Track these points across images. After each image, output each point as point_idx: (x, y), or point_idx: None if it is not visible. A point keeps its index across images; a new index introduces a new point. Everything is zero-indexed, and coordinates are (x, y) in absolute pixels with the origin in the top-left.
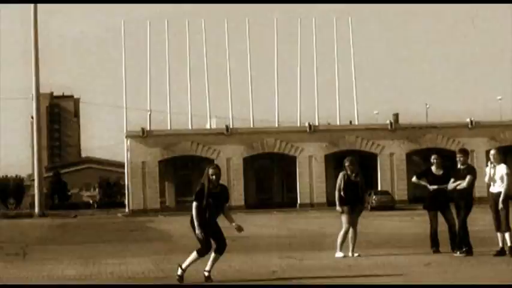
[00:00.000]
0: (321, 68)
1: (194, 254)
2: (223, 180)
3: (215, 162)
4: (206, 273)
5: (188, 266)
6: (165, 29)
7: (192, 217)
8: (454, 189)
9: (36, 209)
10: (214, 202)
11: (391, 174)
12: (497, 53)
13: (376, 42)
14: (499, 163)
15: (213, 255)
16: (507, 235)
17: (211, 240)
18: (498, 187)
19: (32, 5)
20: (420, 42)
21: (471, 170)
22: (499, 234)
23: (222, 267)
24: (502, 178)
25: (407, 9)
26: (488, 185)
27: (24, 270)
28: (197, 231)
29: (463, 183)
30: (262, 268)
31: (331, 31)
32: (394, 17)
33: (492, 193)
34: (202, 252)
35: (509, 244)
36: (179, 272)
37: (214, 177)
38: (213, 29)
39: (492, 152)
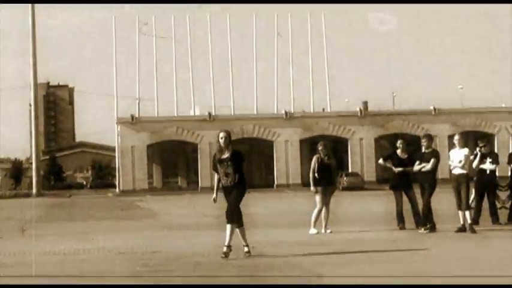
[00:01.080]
0: (296, 60)
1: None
2: (205, 164)
3: (198, 146)
4: (245, 249)
5: (229, 240)
6: (152, 23)
7: None
8: (419, 171)
9: (34, 190)
10: (224, 167)
11: (361, 157)
12: (459, 43)
13: (347, 34)
14: (462, 147)
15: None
16: (467, 213)
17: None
18: (460, 169)
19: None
20: (388, 33)
21: (435, 154)
22: (460, 213)
23: (202, 243)
24: (463, 161)
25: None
26: (451, 167)
27: (23, 246)
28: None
29: (428, 166)
30: (240, 243)
31: (306, 26)
32: (364, 8)
33: (454, 174)
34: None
35: (469, 221)
36: (225, 249)
37: (222, 140)
38: (197, 24)
39: (456, 137)
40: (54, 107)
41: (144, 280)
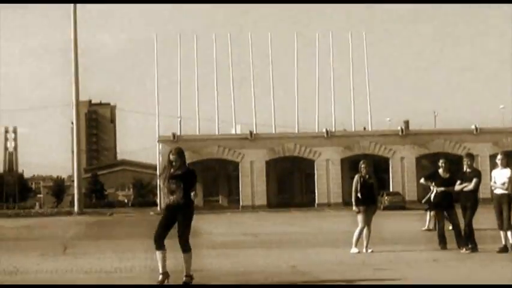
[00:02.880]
0: (338, 79)
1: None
2: (246, 182)
3: (240, 165)
4: (184, 278)
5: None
6: (194, 43)
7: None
8: (461, 190)
9: (75, 207)
10: (172, 184)
11: (402, 176)
12: (501, 63)
13: (388, 54)
14: (505, 166)
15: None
16: (509, 233)
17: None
18: (502, 189)
19: (71, 20)
20: (429, 53)
21: (477, 174)
22: (501, 233)
23: (243, 262)
24: (505, 181)
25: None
26: (493, 187)
27: (64, 263)
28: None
29: (470, 186)
30: (281, 262)
31: (347, 45)
32: (403, 31)
33: (497, 194)
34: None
35: (511, 242)
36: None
37: (174, 156)
38: (238, 43)
39: (499, 156)
40: (96, 124)
41: None
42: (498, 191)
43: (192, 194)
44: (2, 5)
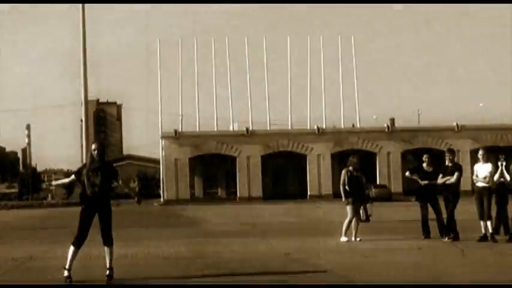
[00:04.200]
0: (328, 79)
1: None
2: (243, 176)
3: (237, 159)
4: (107, 271)
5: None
6: (194, 46)
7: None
8: (443, 183)
9: None
10: (93, 177)
11: (388, 170)
12: (481, 64)
13: (375, 55)
14: (486, 161)
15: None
16: (489, 223)
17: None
18: (483, 183)
19: (80, 20)
20: (413, 55)
21: (458, 168)
22: (482, 223)
23: (241, 249)
24: (487, 175)
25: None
26: (475, 181)
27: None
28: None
29: (452, 179)
30: (276, 250)
31: (337, 48)
32: (389, 32)
33: (478, 187)
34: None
35: (490, 231)
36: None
37: (95, 151)
38: (235, 46)
39: (480, 152)
40: (104, 122)
41: (183, 282)
42: (480, 184)
43: (113, 186)
44: (17, 6)
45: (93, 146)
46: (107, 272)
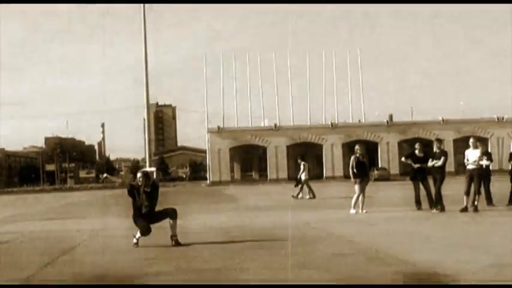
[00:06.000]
0: (339, 83)
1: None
2: (272, 162)
3: (267, 149)
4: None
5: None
6: (233, 59)
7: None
8: (432, 166)
9: None
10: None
11: (388, 156)
12: (461, 66)
13: (376, 63)
14: (475, 148)
15: (170, 222)
16: (477, 197)
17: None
18: (473, 165)
19: (142, 36)
20: (410, 58)
21: (444, 153)
22: (465, 197)
23: (271, 220)
24: (476, 159)
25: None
26: (466, 164)
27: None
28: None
29: (439, 162)
30: (300, 219)
31: (345, 58)
32: (389, 39)
33: (468, 169)
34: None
35: (476, 203)
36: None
37: (141, 180)
38: (264, 59)
39: (471, 140)
40: (162, 120)
41: (225, 246)
42: (470, 167)
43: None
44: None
45: (138, 175)
46: (173, 238)
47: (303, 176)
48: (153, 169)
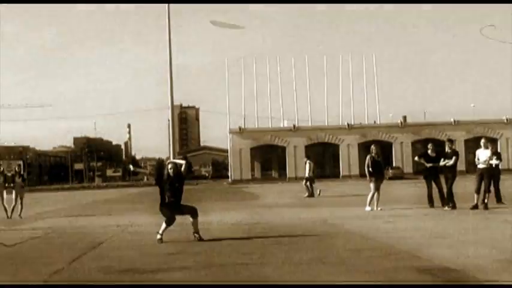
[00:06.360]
0: (356, 86)
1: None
2: (291, 161)
3: (286, 149)
4: (195, 234)
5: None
6: (253, 63)
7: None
8: (444, 165)
9: None
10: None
11: (401, 155)
12: (476, 69)
13: (391, 66)
14: (486, 148)
15: (191, 220)
16: (487, 195)
17: (181, 214)
18: (483, 164)
19: (167, 39)
20: (423, 61)
21: (456, 153)
22: (475, 195)
23: (290, 216)
24: (486, 159)
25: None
26: (477, 163)
27: (162, 220)
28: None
29: (450, 162)
30: (318, 216)
31: (361, 63)
32: (402, 42)
33: (479, 168)
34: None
35: (486, 201)
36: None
37: (171, 170)
38: (284, 64)
39: (483, 140)
40: (185, 121)
41: (245, 242)
42: (480, 166)
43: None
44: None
45: (169, 166)
46: (196, 235)
47: (307, 174)
48: (183, 161)
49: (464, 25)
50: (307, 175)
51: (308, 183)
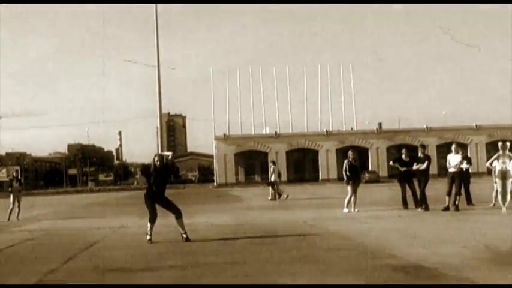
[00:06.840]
0: (334, 95)
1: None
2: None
3: (268, 154)
4: (183, 234)
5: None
6: (237, 73)
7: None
8: (418, 169)
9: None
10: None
11: (377, 160)
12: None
13: (367, 75)
14: (457, 153)
15: (176, 220)
16: (458, 197)
17: (164, 207)
18: (454, 168)
19: (155, 55)
20: (400, 70)
21: (428, 158)
22: (447, 198)
23: (272, 217)
24: (457, 163)
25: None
26: (448, 167)
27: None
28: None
29: (423, 166)
30: (298, 218)
31: (338, 74)
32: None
33: (450, 172)
34: (151, 220)
35: (457, 202)
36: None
37: (158, 163)
38: (266, 73)
39: (454, 146)
40: (173, 129)
41: (230, 242)
42: (451, 170)
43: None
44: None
45: (156, 158)
46: (183, 235)
47: (272, 178)
48: (170, 153)
49: (436, 33)
50: (272, 179)
51: (275, 186)
